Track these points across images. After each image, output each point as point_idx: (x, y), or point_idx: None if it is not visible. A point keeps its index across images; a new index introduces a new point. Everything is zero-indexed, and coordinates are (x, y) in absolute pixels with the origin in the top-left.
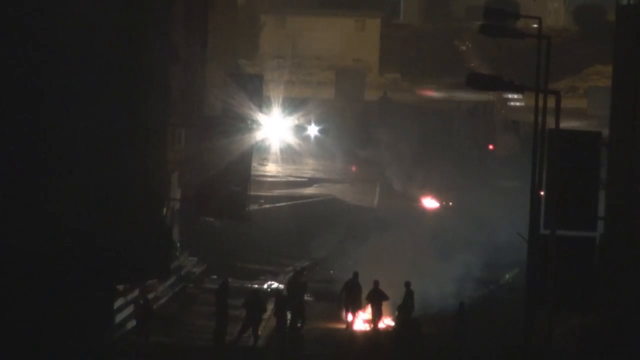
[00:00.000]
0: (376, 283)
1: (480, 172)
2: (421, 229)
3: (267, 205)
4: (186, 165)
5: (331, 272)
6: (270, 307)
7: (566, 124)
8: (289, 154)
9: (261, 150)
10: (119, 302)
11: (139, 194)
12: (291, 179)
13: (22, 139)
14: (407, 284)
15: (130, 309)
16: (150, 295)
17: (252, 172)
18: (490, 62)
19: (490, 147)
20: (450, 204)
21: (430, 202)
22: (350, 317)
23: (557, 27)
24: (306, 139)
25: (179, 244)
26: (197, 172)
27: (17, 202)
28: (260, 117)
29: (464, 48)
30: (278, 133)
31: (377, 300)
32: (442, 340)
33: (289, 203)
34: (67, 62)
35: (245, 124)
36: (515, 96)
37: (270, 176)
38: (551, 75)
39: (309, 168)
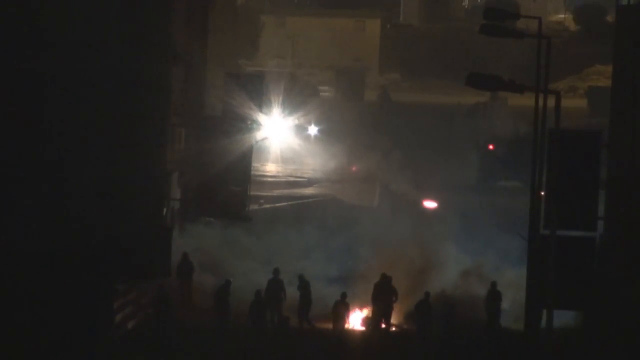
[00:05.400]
0: (385, 276)
1: (479, 172)
2: (422, 228)
3: (267, 205)
4: (186, 165)
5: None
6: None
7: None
8: (289, 154)
9: (261, 150)
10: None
11: (139, 194)
12: (291, 179)
13: (21, 139)
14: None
15: (129, 309)
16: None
17: (252, 172)
18: (490, 61)
19: (490, 147)
20: (450, 204)
21: (429, 203)
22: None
23: (557, 27)
24: (306, 139)
25: None
26: (197, 172)
27: (18, 203)
28: (260, 117)
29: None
30: (278, 133)
31: (386, 296)
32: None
33: (289, 203)
34: (68, 63)
35: (245, 124)
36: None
37: (270, 176)
38: (551, 75)
39: (309, 168)
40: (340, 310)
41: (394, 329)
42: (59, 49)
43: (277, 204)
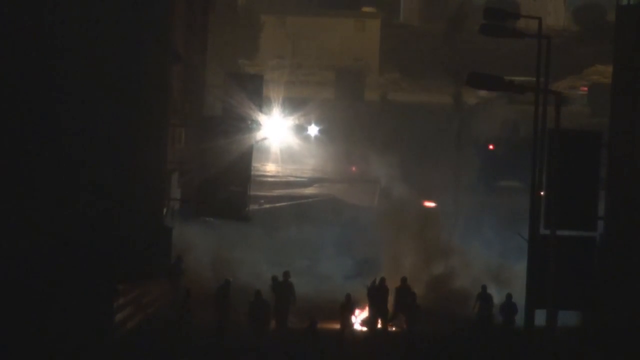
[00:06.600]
0: (404, 281)
1: (480, 172)
2: (422, 228)
3: (267, 205)
4: (186, 165)
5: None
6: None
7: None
8: (289, 154)
9: (261, 150)
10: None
11: (139, 194)
12: (291, 179)
13: (19, 139)
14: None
15: (129, 309)
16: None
17: (252, 172)
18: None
19: (490, 147)
20: (449, 204)
21: (429, 203)
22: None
23: (557, 27)
24: (306, 139)
25: None
26: (197, 172)
27: (17, 203)
28: (260, 117)
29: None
30: (278, 133)
31: (382, 298)
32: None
33: (289, 203)
34: (67, 63)
35: (245, 124)
36: None
37: (270, 176)
38: (551, 75)
39: (309, 168)
40: (347, 312)
41: (393, 329)
42: (58, 49)
43: (277, 204)
